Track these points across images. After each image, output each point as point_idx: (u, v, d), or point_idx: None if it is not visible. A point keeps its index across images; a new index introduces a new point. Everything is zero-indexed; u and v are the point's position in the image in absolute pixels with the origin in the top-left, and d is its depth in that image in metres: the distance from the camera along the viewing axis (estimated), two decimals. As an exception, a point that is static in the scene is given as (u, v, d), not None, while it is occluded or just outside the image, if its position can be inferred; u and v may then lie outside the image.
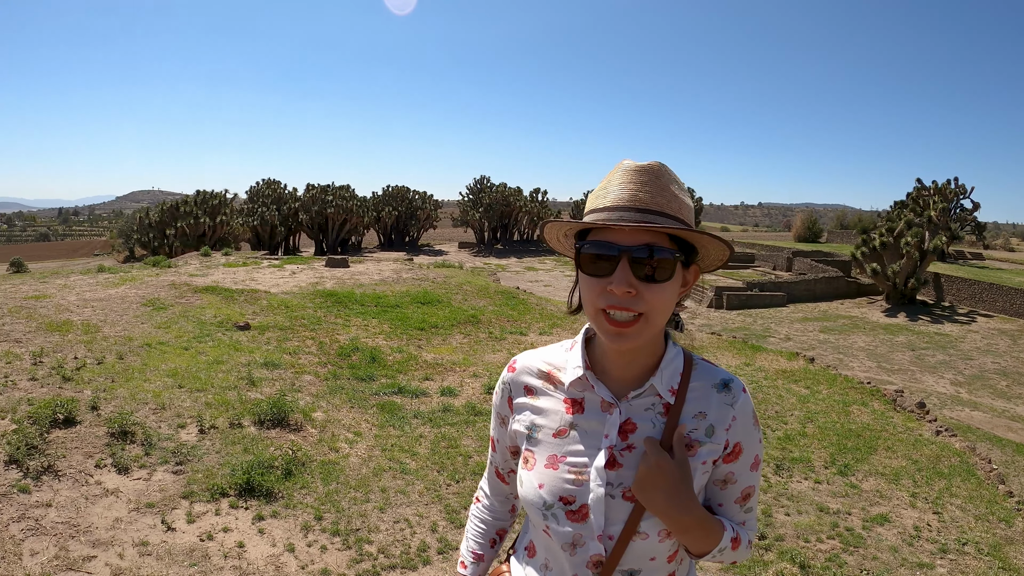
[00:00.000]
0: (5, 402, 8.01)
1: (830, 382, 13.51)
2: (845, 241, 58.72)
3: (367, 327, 14.55)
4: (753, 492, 1.81)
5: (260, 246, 56.86)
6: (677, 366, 1.74)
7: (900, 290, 31.00)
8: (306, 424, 8.67)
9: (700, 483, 1.71)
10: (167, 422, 8.10)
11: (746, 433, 1.74)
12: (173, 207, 52.16)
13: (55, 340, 10.82)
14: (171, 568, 5.44)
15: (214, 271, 21.05)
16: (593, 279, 1.60)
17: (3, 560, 5.26)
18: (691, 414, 1.71)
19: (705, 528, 1.66)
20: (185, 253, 35.33)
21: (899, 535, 7.20)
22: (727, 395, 1.73)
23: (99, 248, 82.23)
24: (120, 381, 9.20)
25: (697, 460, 1.69)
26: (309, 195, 61.52)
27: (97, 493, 6.45)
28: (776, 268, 43.58)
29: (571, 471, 1.71)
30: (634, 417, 1.71)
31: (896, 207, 48.89)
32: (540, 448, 1.78)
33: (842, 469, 8.88)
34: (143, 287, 16.51)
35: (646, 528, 1.65)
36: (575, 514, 1.68)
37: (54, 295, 14.80)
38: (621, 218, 1.56)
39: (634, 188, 1.58)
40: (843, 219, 74.56)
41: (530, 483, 1.76)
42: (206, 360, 10.75)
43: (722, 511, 1.80)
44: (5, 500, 6.07)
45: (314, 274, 20.94)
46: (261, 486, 6.80)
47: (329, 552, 5.96)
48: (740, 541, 1.77)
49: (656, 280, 1.57)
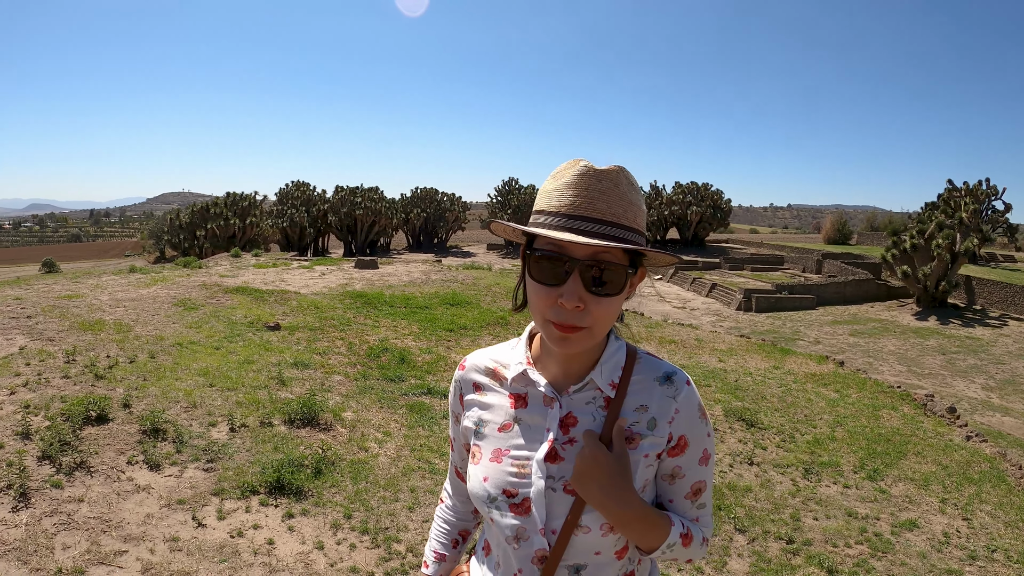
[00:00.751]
0: (39, 399, 8.09)
1: (860, 386, 13.42)
2: (875, 243, 58.32)
3: (396, 328, 14.60)
4: (704, 488, 1.78)
5: (289, 247, 57.18)
6: (619, 360, 1.74)
7: (931, 293, 30.70)
8: (336, 424, 8.71)
9: (645, 477, 1.70)
10: (198, 420, 8.16)
11: (691, 426, 1.71)
12: (203, 209, 52.56)
13: (88, 339, 10.92)
14: (201, 564, 5.48)
15: (244, 272, 21.18)
16: (542, 287, 1.58)
17: (36, 554, 5.31)
18: (632, 407, 1.70)
19: (647, 522, 1.64)
20: (215, 254, 35.55)
21: (928, 541, 7.14)
22: (669, 388, 1.70)
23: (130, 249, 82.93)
24: (152, 380, 9.27)
25: (639, 453, 1.67)
26: (338, 197, 61.83)
27: (129, 489, 6.50)
28: (805, 270, 43.36)
29: (514, 464, 1.71)
30: (575, 411, 1.71)
31: (927, 209, 48.41)
32: (486, 442, 1.79)
33: (871, 474, 8.81)
34: (174, 287, 16.64)
35: (588, 522, 1.64)
36: (518, 507, 1.68)
37: (86, 295, 14.95)
38: (577, 228, 1.54)
39: (592, 196, 1.55)
40: (873, 221, 74.08)
41: (476, 477, 1.77)
42: (237, 360, 10.82)
43: (673, 507, 1.78)
44: (38, 495, 6.13)
45: (343, 275, 21.02)
46: (291, 484, 6.83)
47: (358, 550, 5.98)
48: (692, 538, 1.74)
49: (606, 293, 1.56)
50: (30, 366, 9.26)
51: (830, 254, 44.06)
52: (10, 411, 7.71)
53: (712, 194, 66.40)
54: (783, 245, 57.02)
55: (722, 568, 6.25)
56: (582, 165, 1.59)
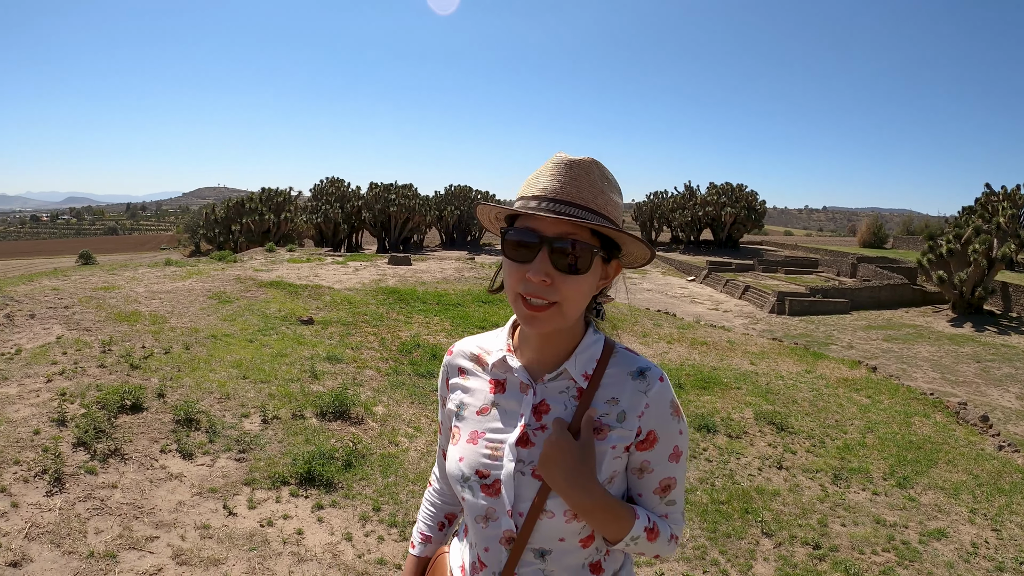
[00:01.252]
0: (75, 387, 8.21)
1: (892, 392, 13.32)
2: (911, 247, 57.80)
3: (429, 324, 14.68)
4: (674, 484, 1.81)
5: (323, 243, 57.48)
6: (594, 352, 1.79)
7: (966, 299, 30.32)
8: (367, 417, 8.77)
9: (613, 468, 1.73)
10: (231, 411, 8.25)
11: (661, 422, 1.75)
12: (239, 204, 52.95)
13: (123, 330, 11.06)
14: (231, 552, 5.54)
15: (279, 266, 21.35)
16: (514, 264, 1.66)
17: (69, 537, 5.40)
18: (604, 399, 1.74)
19: (608, 512, 1.67)
20: (250, 249, 35.81)
21: (956, 551, 7.07)
22: (641, 382, 1.74)
23: (165, 242, 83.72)
24: (186, 370, 9.38)
25: (607, 444, 1.71)
26: (372, 193, 62.04)
27: (161, 477, 6.58)
28: (840, 274, 43.04)
29: (488, 446, 1.77)
30: (548, 399, 1.77)
31: (964, 213, 47.79)
32: (465, 424, 1.85)
33: (901, 481, 8.74)
34: (209, 280, 16.80)
35: (552, 507, 1.68)
36: (489, 488, 1.74)
37: (123, 287, 15.12)
38: (546, 208, 1.62)
39: (563, 181, 1.64)
40: (909, 225, 73.40)
41: (453, 457, 1.83)
42: (270, 352, 10.92)
43: (642, 501, 1.82)
44: (73, 480, 6.22)
45: (377, 271, 21.14)
46: (321, 476, 6.89)
47: (386, 543, 6.02)
48: (658, 533, 1.77)
49: (573, 271, 1.62)
50: (67, 355, 9.39)
51: (865, 258, 43.70)
52: (46, 398, 7.83)
53: (747, 195, 65.98)
54: (818, 248, 56.62)
55: (748, 571, 6.24)
56: (558, 155, 1.68)
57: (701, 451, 9.21)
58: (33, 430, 6.98)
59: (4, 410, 7.42)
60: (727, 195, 65.60)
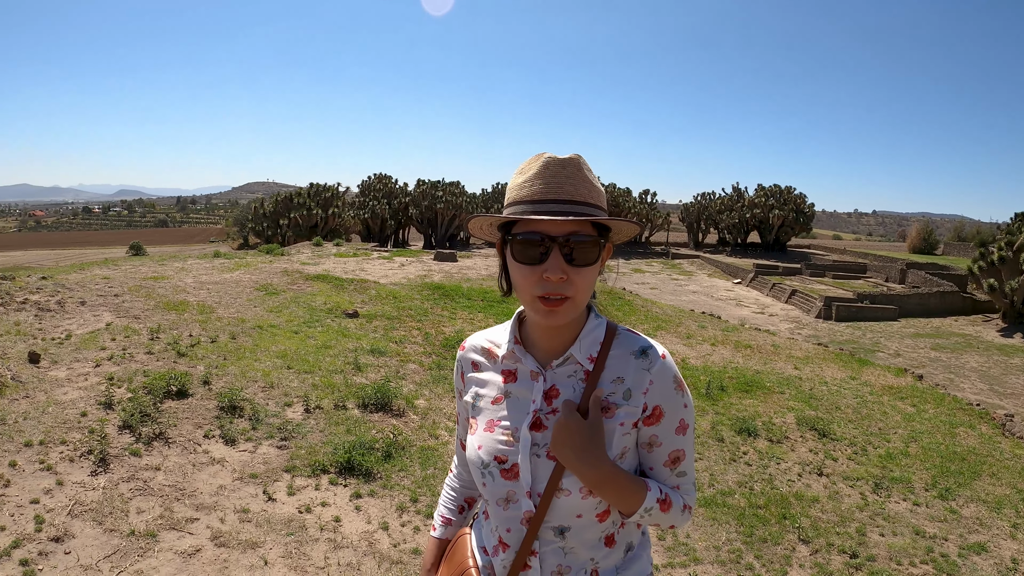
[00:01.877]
0: (122, 372, 8.38)
1: (937, 402, 13.14)
2: (962, 254, 56.91)
3: (473, 320, 14.74)
4: (683, 456, 1.89)
5: (370, 238, 57.77)
6: (597, 336, 1.88)
7: (1017, 308, 29.71)
8: (408, 410, 8.84)
9: (623, 444, 1.81)
10: (274, 400, 8.37)
11: (666, 397, 1.82)
12: (287, 198, 53.35)
13: (171, 318, 11.24)
14: (269, 535, 5.63)
15: (325, 260, 21.53)
16: (526, 267, 1.73)
17: (111, 515, 5.52)
18: (609, 379, 1.83)
19: (620, 485, 1.75)
20: (297, 242, 36.09)
21: (995, 566, 6.93)
22: (644, 360, 1.83)
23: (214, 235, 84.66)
24: (232, 359, 9.52)
25: (615, 421, 1.80)
26: (419, 190, 62.27)
27: (204, 461, 6.70)
28: (888, 280, 42.51)
29: (504, 433, 1.87)
30: (558, 384, 1.86)
31: (1017, 219, 46.88)
32: (481, 415, 1.95)
33: (943, 493, 8.61)
34: (256, 273, 17.00)
35: (567, 485, 1.77)
36: (508, 472, 1.84)
37: (172, 277, 15.37)
38: (550, 210, 1.70)
39: (559, 181, 1.72)
40: (961, 231, 72.28)
41: (472, 445, 1.94)
42: (315, 344, 11.04)
43: (654, 475, 1.90)
44: (117, 461, 6.36)
45: (422, 267, 21.24)
46: (361, 466, 6.97)
47: (421, 533, 6.08)
48: (671, 504, 1.84)
49: (584, 264, 1.72)
50: (115, 341, 9.57)
51: (914, 264, 43.08)
52: (94, 382, 7.99)
53: (795, 198, 65.31)
54: (866, 253, 55.89)
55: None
56: (546, 156, 1.76)
57: (741, 455, 9.16)
58: (80, 412, 7.14)
59: (53, 392, 7.60)
60: (775, 197, 65.01)
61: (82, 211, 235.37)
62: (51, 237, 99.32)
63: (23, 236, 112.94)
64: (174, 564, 5.08)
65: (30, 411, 7.05)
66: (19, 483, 5.79)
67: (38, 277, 13.70)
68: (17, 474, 5.91)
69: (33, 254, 56.75)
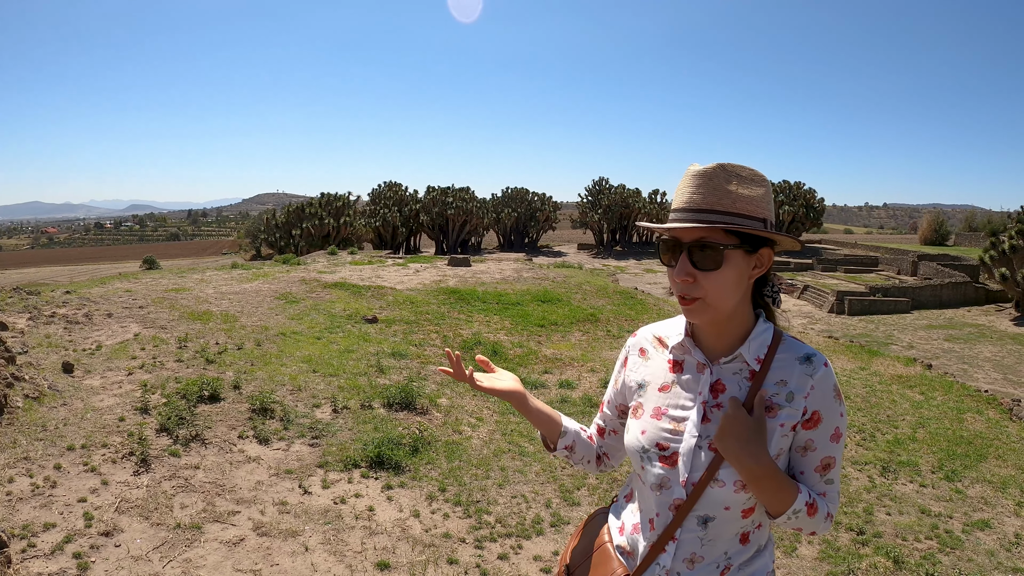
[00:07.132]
0: (155, 380, 8.70)
1: (946, 389, 13.27)
2: (974, 244, 56.63)
3: (489, 323, 15.04)
4: (833, 464, 1.95)
5: (382, 246, 58.04)
6: (765, 339, 1.96)
7: (1028, 297, 29.63)
8: (432, 408, 9.11)
9: (780, 445, 1.90)
10: (303, 402, 8.67)
11: (824, 403, 1.90)
12: (299, 209, 53.69)
13: (197, 327, 11.57)
14: (307, 525, 5.93)
15: (341, 268, 21.81)
16: (669, 268, 1.93)
17: (156, 511, 5.82)
18: (774, 381, 1.92)
19: (776, 481, 1.84)
20: (310, 252, 36.37)
21: (998, 541, 7.09)
22: (808, 367, 1.91)
23: (227, 247, 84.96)
24: (259, 365, 9.83)
25: (776, 422, 1.89)
26: (430, 197, 62.53)
27: (240, 459, 7.01)
28: (900, 272, 42.47)
29: (671, 422, 1.98)
30: (724, 379, 1.97)
31: (1027, 207, 46.67)
32: (647, 400, 2.07)
33: (949, 475, 8.74)
34: (275, 282, 17.31)
35: (724, 476, 1.87)
36: (667, 459, 1.95)
37: (192, 288, 15.69)
38: (680, 219, 1.88)
39: (690, 192, 1.87)
40: (972, 221, 71.84)
41: (634, 429, 2.07)
42: (337, 349, 11.36)
43: (803, 479, 1.96)
44: (157, 461, 6.68)
45: (437, 272, 21.49)
46: (390, 460, 7.26)
47: (451, 519, 6.36)
48: (817, 509, 1.91)
49: (709, 268, 1.84)
50: (145, 351, 9.90)
51: (926, 255, 42.89)
52: (128, 389, 8.31)
53: (805, 193, 65.29)
54: (878, 246, 55.76)
55: (792, 553, 6.42)
56: (690, 168, 1.91)
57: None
58: (118, 417, 7.45)
59: (90, 400, 7.91)
60: (785, 193, 64.95)
61: (94, 227, 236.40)
62: (64, 253, 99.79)
63: (36, 253, 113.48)
64: (220, 552, 5.38)
65: (69, 417, 7.35)
66: (65, 484, 6.08)
67: (63, 291, 14.01)
68: (63, 476, 6.20)
69: (47, 270, 57.09)
